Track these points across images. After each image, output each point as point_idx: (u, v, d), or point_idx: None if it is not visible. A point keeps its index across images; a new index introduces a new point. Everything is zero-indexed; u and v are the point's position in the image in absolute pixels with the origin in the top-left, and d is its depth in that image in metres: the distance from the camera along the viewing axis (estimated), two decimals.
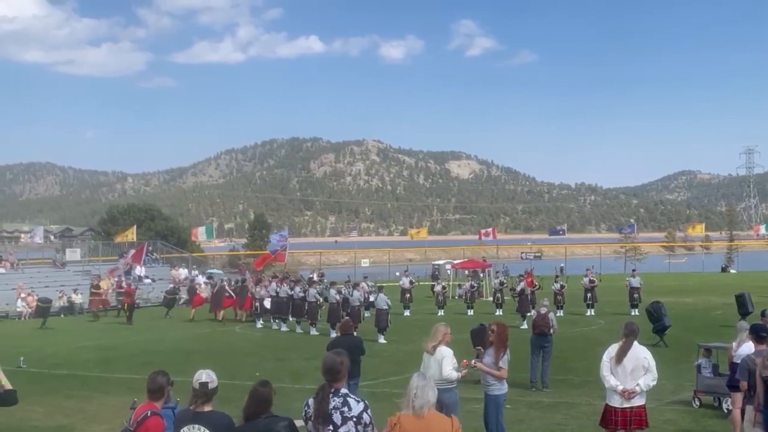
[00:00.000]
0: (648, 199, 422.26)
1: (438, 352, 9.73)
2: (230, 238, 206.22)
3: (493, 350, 10.28)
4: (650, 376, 9.36)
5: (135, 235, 53.31)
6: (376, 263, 79.29)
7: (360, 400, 6.06)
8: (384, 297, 27.12)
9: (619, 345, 9.56)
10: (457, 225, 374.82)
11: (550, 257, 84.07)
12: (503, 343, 10.32)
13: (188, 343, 27.32)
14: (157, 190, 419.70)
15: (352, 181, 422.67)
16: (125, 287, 37.84)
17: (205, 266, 53.92)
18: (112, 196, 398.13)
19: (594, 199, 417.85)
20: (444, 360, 9.61)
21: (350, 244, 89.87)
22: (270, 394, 6.06)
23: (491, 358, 10.26)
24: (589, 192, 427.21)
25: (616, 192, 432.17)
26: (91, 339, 28.94)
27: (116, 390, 18.33)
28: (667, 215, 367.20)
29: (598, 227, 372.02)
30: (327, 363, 6.25)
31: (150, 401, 6.70)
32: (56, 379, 19.47)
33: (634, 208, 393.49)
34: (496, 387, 10.23)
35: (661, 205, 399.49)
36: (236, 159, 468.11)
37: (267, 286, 32.55)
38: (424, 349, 10.04)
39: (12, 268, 44.75)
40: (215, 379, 6.34)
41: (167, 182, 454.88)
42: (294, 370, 19.92)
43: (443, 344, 9.85)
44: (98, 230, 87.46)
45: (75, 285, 42.58)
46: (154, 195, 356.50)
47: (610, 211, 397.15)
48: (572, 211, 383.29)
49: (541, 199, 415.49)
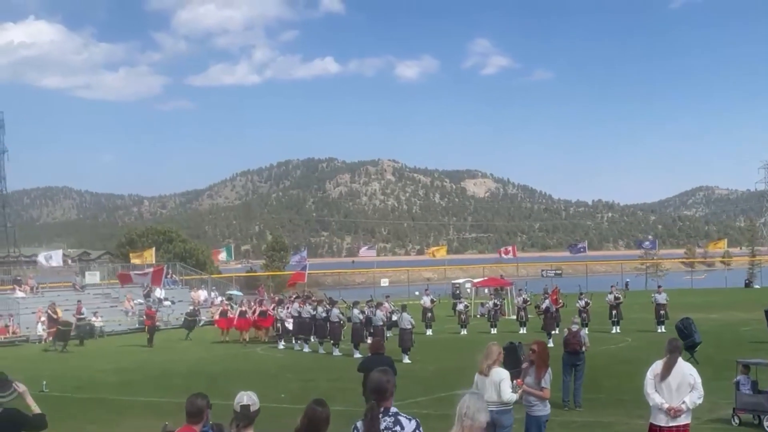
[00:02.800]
0: (666, 216, 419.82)
1: (494, 374, 9.40)
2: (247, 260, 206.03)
3: (535, 370, 10.02)
4: (696, 393, 9.11)
5: (154, 257, 53.34)
6: (394, 283, 78.96)
7: (411, 418, 5.82)
8: (408, 316, 26.90)
9: (663, 362, 9.31)
10: (474, 244, 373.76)
11: (569, 275, 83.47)
12: (545, 362, 10.08)
13: (211, 364, 27.15)
14: (174, 213, 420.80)
15: (367, 200, 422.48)
16: (145, 309, 37.64)
17: (224, 288, 53.76)
18: (128, 219, 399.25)
19: (611, 216, 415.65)
20: (502, 382, 9.28)
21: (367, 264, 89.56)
22: (328, 414, 5.85)
23: (532, 377, 10.00)
24: (607, 209, 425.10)
25: (634, 208, 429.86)
26: (112, 362, 28.85)
27: (140, 413, 18.18)
28: (686, 231, 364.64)
29: (615, 244, 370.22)
30: (374, 382, 6.02)
31: (189, 425, 6.49)
32: (79, 403, 19.31)
33: (652, 224, 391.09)
34: (538, 408, 9.97)
35: (679, 222, 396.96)
36: (252, 180, 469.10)
37: (289, 306, 32.35)
38: (478, 371, 9.71)
39: (32, 292, 44.75)
40: (257, 402, 6.13)
41: (183, 205, 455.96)
42: (320, 391, 19.63)
43: (497, 365, 9.56)
44: (116, 253, 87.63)
45: (95, 308, 42.56)
46: (170, 217, 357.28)
47: (628, 227, 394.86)
48: (589, 229, 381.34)
49: (558, 216, 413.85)
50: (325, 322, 29.86)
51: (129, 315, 43.85)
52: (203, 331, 40.46)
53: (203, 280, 55.27)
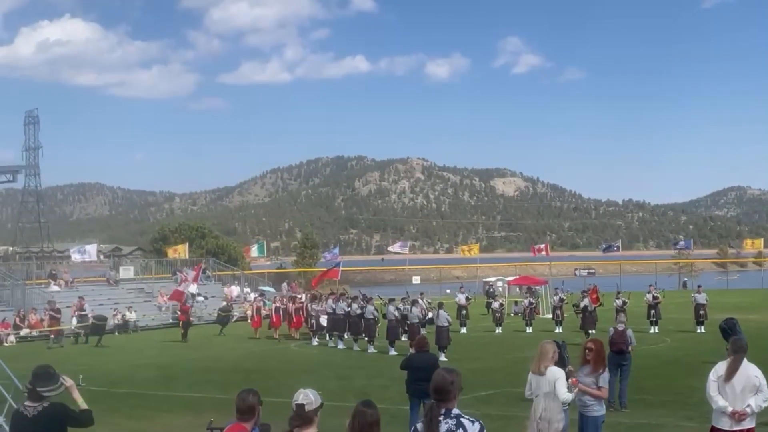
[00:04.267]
0: (697, 216, 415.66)
1: (549, 373, 9.06)
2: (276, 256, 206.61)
3: (591, 368, 9.67)
4: (762, 396, 8.69)
5: (187, 252, 53.39)
6: (424, 281, 78.56)
7: (475, 420, 5.48)
8: (444, 314, 26.59)
9: (727, 363, 8.90)
10: (503, 242, 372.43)
11: (601, 274, 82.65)
12: (603, 361, 9.74)
13: (246, 361, 27.04)
14: (204, 210, 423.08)
15: (396, 199, 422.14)
16: (179, 304, 37.58)
17: (256, 284, 53.71)
18: (160, 215, 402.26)
19: (642, 215, 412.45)
20: (558, 381, 8.95)
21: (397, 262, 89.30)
22: (378, 417, 5.56)
23: (588, 376, 9.65)
24: (637, 209, 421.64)
25: (665, 208, 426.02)
26: (148, 357, 28.79)
27: (178, 409, 18.09)
28: (717, 232, 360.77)
29: (646, 244, 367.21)
30: (436, 381, 5.68)
31: (239, 422, 6.22)
32: (116, 397, 19.17)
33: (683, 224, 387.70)
34: (594, 408, 9.63)
35: (711, 222, 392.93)
36: (282, 178, 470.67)
37: (324, 302, 32.16)
38: (531, 370, 9.36)
39: (66, 287, 44.92)
40: (314, 399, 5.83)
41: (214, 201, 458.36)
42: (358, 389, 19.40)
43: (552, 364, 9.21)
44: (149, 248, 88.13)
45: (129, 302, 42.70)
46: (201, 214, 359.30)
47: (659, 227, 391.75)
48: (620, 228, 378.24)
49: (587, 216, 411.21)
50: (360, 318, 29.62)
51: (162, 310, 43.90)
52: (236, 326, 40.40)
53: (236, 276, 55.27)
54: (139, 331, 40.42)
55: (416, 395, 13.18)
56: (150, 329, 41.13)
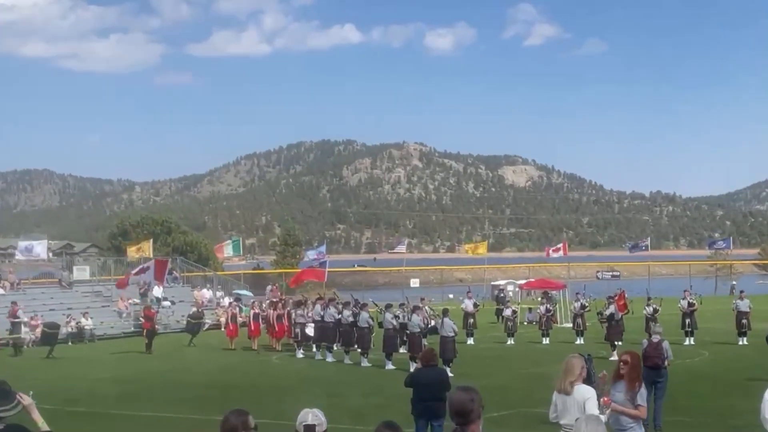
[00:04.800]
0: (735, 211, 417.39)
1: (577, 392, 9.04)
2: (252, 255, 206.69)
3: (627, 385, 9.68)
4: None
5: (151, 250, 53.31)
6: (424, 284, 78.66)
7: None
8: (450, 322, 26.57)
9: None
10: (513, 240, 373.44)
11: (626, 277, 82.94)
12: (639, 376, 9.76)
13: (222, 375, 27.06)
14: (169, 201, 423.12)
15: (390, 189, 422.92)
16: (144, 310, 37.56)
17: (231, 287, 53.74)
18: (117, 207, 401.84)
19: (672, 210, 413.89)
20: (588, 402, 8.92)
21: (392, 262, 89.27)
22: None
23: (623, 394, 9.66)
24: (667, 202, 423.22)
25: (698, 202, 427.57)
26: (108, 370, 28.80)
27: (145, 431, 18.05)
28: (758, 228, 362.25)
29: (677, 243, 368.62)
30: (454, 403, 5.79)
31: None
32: (73, 418, 19.08)
33: (719, 220, 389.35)
34: (634, 430, 9.63)
35: (751, 217, 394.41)
36: (258, 165, 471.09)
37: (310, 308, 32.14)
38: (555, 389, 9.34)
39: (12, 289, 44.79)
40: (324, 421, 5.87)
41: (180, 191, 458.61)
42: (352, 408, 19.40)
43: (580, 381, 9.19)
44: (106, 245, 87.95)
45: (84, 308, 42.58)
46: (164, 206, 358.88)
47: (691, 224, 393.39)
48: (647, 225, 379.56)
49: (610, 210, 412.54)
50: (352, 327, 29.59)
51: (123, 316, 43.86)
52: (208, 335, 40.43)
53: (207, 278, 55.28)
54: (96, 340, 40.29)
55: (423, 416, 13.20)
56: (109, 338, 41.04)
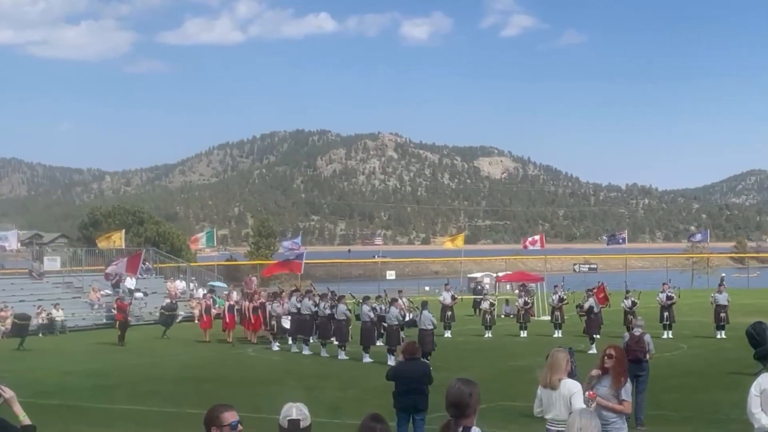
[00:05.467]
0: (711, 203, 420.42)
1: (563, 387, 9.07)
2: (224, 246, 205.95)
3: (612, 379, 9.69)
4: None
5: (123, 241, 53.08)
6: (399, 276, 78.79)
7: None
8: (429, 315, 26.66)
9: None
10: (488, 233, 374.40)
11: (603, 270, 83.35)
12: (624, 371, 9.78)
13: (196, 368, 27.02)
14: (140, 191, 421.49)
15: (365, 180, 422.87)
16: (117, 302, 37.41)
17: (205, 278, 53.61)
18: (87, 197, 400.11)
19: (648, 202, 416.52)
20: (573, 396, 8.95)
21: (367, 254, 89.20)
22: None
23: (607, 388, 9.67)
24: (643, 195, 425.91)
25: (674, 195, 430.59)
26: (80, 363, 28.74)
27: (119, 424, 18.18)
28: (734, 222, 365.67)
29: (653, 235, 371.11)
30: (452, 394, 5.77)
31: None
32: (47, 411, 18.91)
33: (695, 213, 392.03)
34: (617, 424, 9.63)
35: (727, 210, 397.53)
36: (231, 155, 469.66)
37: (286, 300, 32.09)
38: (540, 383, 9.36)
39: None
40: (308, 416, 5.81)
41: (151, 181, 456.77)
42: (329, 401, 19.41)
43: (566, 375, 9.22)
44: (76, 236, 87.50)
45: (55, 299, 42.35)
46: (135, 196, 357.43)
47: (667, 216, 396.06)
48: (623, 217, 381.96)
49: (586, 202, 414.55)
50: (329, 320, 29.62)
51: (95, 308, 43.69)
52: (181, 327, 40.34)
53: (180, 269, 55.11)
54: (68, 332, 40.19)
55: (405, 409, 13.24)
56: (80, 330, 41.04)
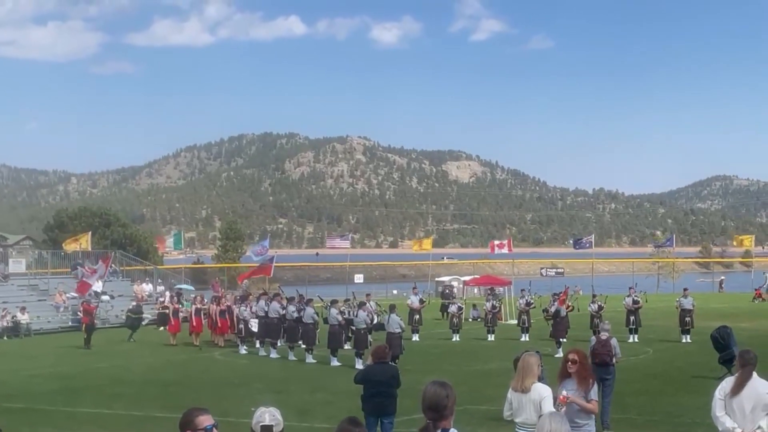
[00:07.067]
0: (677, 208, 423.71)
1: (534, 391, 9.13)
2: (191, 249, 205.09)
3: (579, 383, 9.78)
4: None
5: (90, 243, 52.77)
6: (368, 280, 78.92)
7: None
8: (397, 318, 26.70)
9: (735, 378, 9.12)
10: (456, 236, 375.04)
11: (570, 274, 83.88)
12: (590, 374, 9.91)
13: (163, 372, 26.91)
14: (106, 193, 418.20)
15: (333, 184, 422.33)
16: (83, 305, 37.18)
17: (172, 281, 53.40)
18: (53, 199, 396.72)
19: (614, 207, 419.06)
20: (544, 401, 9.00)
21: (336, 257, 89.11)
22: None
23: (575, 392, 9.76)
24: (609, 199, 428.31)
25: (640, 200, 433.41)
26: (46, 366, 28.54)
27: (85, 427, 18.12)
28: (699, 227, 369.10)
29: (619, 240, 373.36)
30: (429, 397, 5.80)
31: None
32: (12, 414, 18.88)
33: (661, 218, 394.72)
34: (588, 425, 9.74)
35: (692, 215, 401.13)
36: (198, 157, 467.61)
37: (254, 303, 32.05)
38: (511, 387, 9.41)
39: None
40: (281, 421, 5.86)
41: (117, 183, 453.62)
42: (297, 405, 19.37)
43: (537, 380, 9.29)
44: (41, 238, 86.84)
45: (21, 301, 42.11)
46: (102, 198, 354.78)
47: (633, 221, 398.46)
48: (589, 221, 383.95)
49: (553, 206, 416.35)
50: (297, 323, 29.56)
51: (61, 311, 43.42)
52: (148, 331, 40.23)
53: (147, 272, 54.84)
54: (33, 335, 39.92)
55: (374, 413, 13.29)
56: (46, 333, 40.74)
